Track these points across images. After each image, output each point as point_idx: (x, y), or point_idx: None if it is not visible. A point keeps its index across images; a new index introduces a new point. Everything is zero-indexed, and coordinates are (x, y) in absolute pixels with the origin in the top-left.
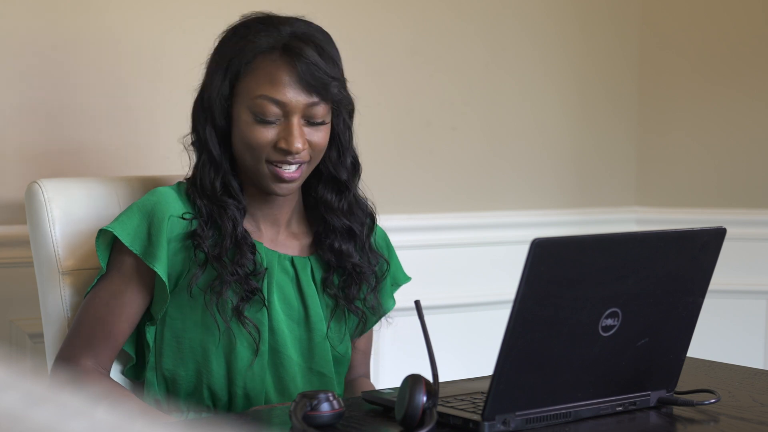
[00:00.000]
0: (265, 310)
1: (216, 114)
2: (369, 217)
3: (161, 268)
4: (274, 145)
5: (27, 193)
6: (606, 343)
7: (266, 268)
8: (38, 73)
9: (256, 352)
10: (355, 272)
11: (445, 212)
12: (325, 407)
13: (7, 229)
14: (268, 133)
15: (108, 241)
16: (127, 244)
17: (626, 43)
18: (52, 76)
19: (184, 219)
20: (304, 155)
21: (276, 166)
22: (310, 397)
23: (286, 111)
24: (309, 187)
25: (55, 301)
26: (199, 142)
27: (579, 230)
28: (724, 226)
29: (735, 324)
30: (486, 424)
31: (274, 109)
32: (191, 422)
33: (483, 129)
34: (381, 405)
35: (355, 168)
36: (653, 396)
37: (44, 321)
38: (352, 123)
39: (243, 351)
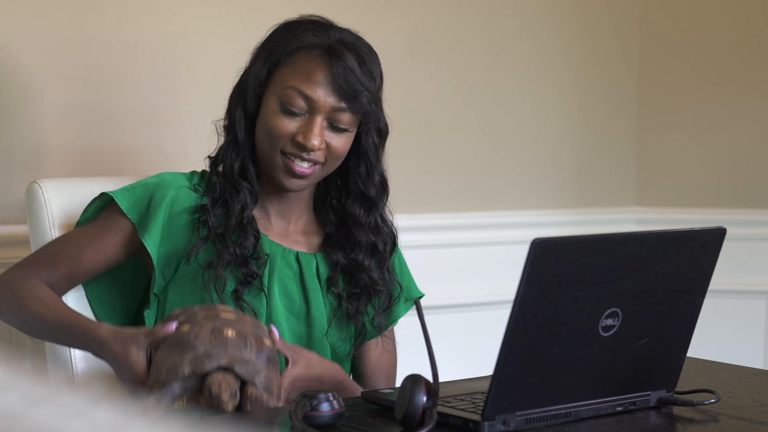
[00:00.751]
0: (263, 298)
1: (248, 97)
2: (391, 238)
3: (150, 243)
4: (292, 138)
5: (27, 193)
6: (606, 343)
7: (268, 255)
8: (38, 73)
9: None
10: (371, 287)
11: (445, 212)
12: (325, 407)
13: (7, 229)
14: (290, 125)
15: (103, 204)
16: (124, 210)
17: (626, 43)
18: (51, 77)
19: (195, 191)
20: (319, 155)
21: (289, 158)
22: (310, 397)
23: (313, 108)
24: (326, 194)
25: None
26: (229, 123)
27: (579, 230)
28: (724, 226)
29: (735, 324)
30: (486, 424)
31: (300, 103)
32: (191, 422)
33: (483, 129)
34: (381, 405)
35: (384, 187)
36: (653, 396)
37: None
38: (382, 144)
39: None
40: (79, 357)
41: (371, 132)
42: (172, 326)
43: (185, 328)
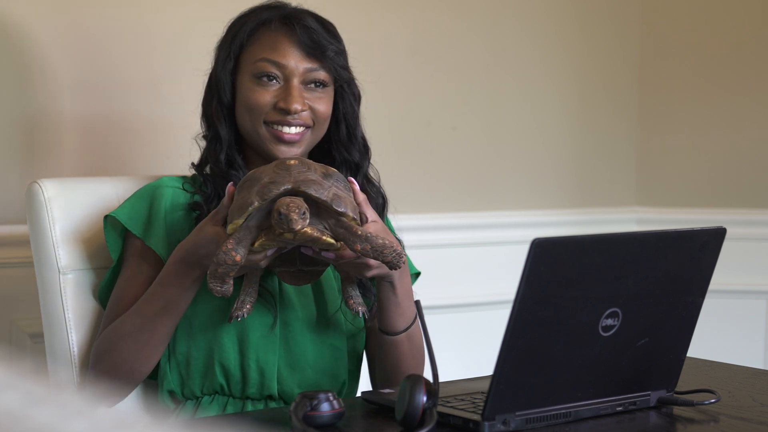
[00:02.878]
0: (275, 278)
1: (221, 89)
2: (382, 198)
3: (156, 243)
4: (274, 106)
5: (27, 193)
6: (606, 343)
7: None
8: (37, 74)
9: (275, 318)
10: None
11: (446, 212)
12: (325, 407)
13: (7, 229)
14: (268, 95)
15: (118, 230)
16: (128, 227)
17: (626, 44)
18: (51, 77)
19: (185, 191)
20: (305, 117)
21: (274, 127)
22: (310, 398)
23: (286, 74)
24: None
25: (55, 301)
26: (208, 122)
27: (579, 230)
28: (724, 226)
29: (735, 324)
30: (486, 424)
31: (273, 70)
32: (191, 422)
33: (483, 129)
34: (381, 405)
35: (366, 149)
36: (653, 396)
37: (44, 321)
38: (358, 106)
39: (254, 321)
40: (79, 357)
41: (347, 95)
42: (231, 188)
43: (250, 172)
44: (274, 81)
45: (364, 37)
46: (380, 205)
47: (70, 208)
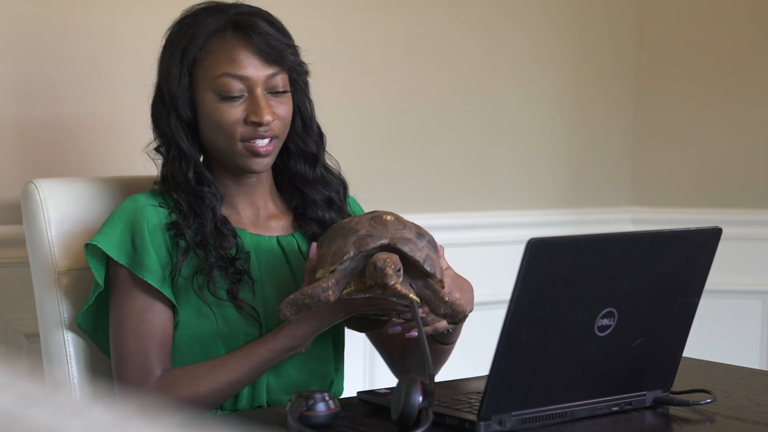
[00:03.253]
0: (258, 294)
1: (179, 106)
2: (341, 184)
3: (151, 277)
4: (244, 121)
5: (23, 193)
6: (602, 343)
7: (248, 252)
8: (37, 74)
9: (260, 332)
10: None
11: (441, 212)
12: (321, 407)
13: (3, 229)
14: (236, 111)
15: (98, 255)
16: (114, 257)
17: (623, 44)
18: (50, 77)
19: (161, 208)
20: (275, 126)
21: (250, 142)
22: (306, 397)
23: (249, 85)
24: (278, 169)
25: (51, 302)
26: (164, 138)
27: (575, 230)
28: (720, 226)
29: (731, 324)
30: (482, 424)
31: (237, 85)
32: (187, 421)
33: (479, 129)
34: (377, 405)
35: (322, 138)
36: (649, 396)
37: (40, 321)
38: (308, 92)
39: (240, 336)
40: (75, 357)
41: (299, 87)
42: (313, 250)
43: (344, 221)
44: (238, 96)
45: (361, 38)
46: (341, 192)
47: (65, 208)
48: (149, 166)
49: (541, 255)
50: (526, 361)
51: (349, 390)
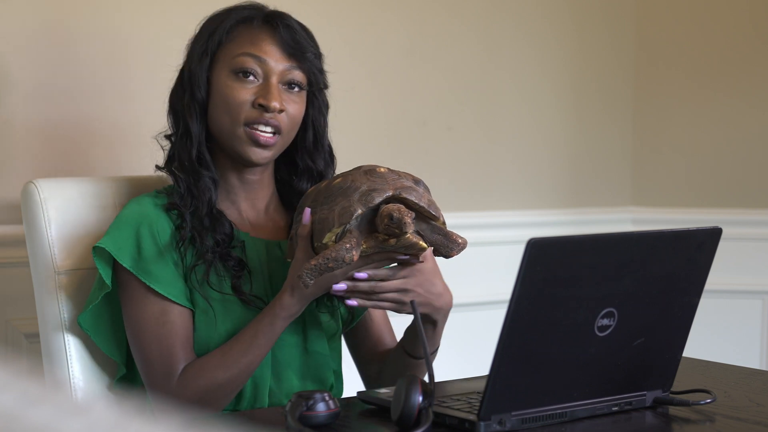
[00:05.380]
0: (258, 285)
1: (195, 85)
2: None
3: (159, 285)
4: (252, 104)
5: (23, 193)
6: (602, 343)
7: (243, 241)
8: (36, 74)
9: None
10: None
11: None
12: (320, 407)
13: (3, 229)
14: (246, 92)
15: (106, 256)
16: (122, 263)
17: (622, 43)
18: (49, 77)
19: (166, 210)
20: (282, 119)
21: (253, 128)
22: (306, 397)
23: (265, 70)
24: (284, 183)
25: (51, 302)
26: (175, 118)
27: (575, 230)
28: (720, 226)
29: (731, 324)
30: (482, 424)
31: (253, 65)
32: (187, 421)
33: (479, 129)
34: (377, 405)
35: (332, 157)
36: (649, 396)
37: (40, 321)
38: (326, 112)
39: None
40: (75, 357)
41: (317, 102)
42: (307, 215)
43: (337, 180)
44: (252, 77)
45: (360, 37)
46: None
47: (65, 208)
48: (149, 166)
49: (541, 255)
50: (526, 361)
51: (349, 390)
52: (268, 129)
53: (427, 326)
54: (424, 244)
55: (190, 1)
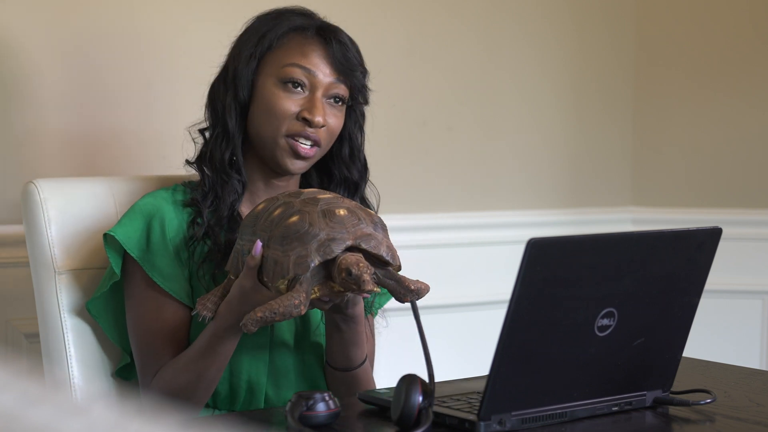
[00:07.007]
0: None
1: (239, 85)
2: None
3: (161, 278)
4: (297, 116)
5: (23, 192)
6: (602, 343)
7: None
8: (35, 74)
9: (270, 341)
10: None
11: (441, 212)
12: (321, 407)
13: (3, 229)
14: (292, 104)
15: (117, 245)
16: (131, 253)
17: (622, 43)
18: (49, 78)
19: (181, 206)
20: (323, 133)
21: (294, 139)
22: (306, 397)
23: (313, 83)
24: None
25: (51, 301)
26: (214, 115)
27: (575, 230)
28: (720, 226)
29: (731, 324)
30: (482, 423)
31: (301, 77)
32: (186, 421)
33: (479, 129)
34: (377, 405)
35: (366, 169)
36: (649, 396)
37: (40, 321)
38: (363, 125)
39: (245, 341)
40: (75, 357)
41: (354, 115)
42: (258, 248)
43: (293, 219)
44: (300, 89)
45: (360, 37)
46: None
47: (65, 208)
48: (150, 167)
49: (541, 255)
50: (526, 361)
51: None
52: (308, 142)
53: (334, 333)
54: (377, 289)
55: (191, 2)
